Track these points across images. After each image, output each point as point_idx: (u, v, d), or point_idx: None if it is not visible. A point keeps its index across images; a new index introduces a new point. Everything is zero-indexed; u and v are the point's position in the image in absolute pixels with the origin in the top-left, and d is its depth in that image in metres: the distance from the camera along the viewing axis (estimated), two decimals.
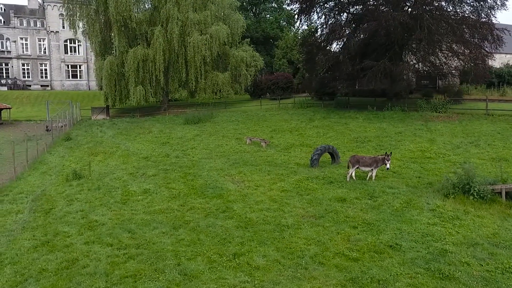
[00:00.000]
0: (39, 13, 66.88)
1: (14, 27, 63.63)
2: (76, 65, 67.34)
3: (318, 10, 32.16)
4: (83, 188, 15.36)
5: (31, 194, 15.14)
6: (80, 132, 30.70)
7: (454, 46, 27.89)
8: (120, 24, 37.37)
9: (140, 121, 35.97)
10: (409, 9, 29.51)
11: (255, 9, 62.18)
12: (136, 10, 37.89)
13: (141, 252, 9.48)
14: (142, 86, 37.47)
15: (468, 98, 30.70)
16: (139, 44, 38.37)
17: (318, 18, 35.78)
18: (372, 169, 14.32)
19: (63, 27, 65.85)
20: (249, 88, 44.66)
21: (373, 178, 14.38)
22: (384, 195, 12.71)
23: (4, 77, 62.46)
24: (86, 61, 67.57)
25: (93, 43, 39.96)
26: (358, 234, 9.97)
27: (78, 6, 38.61)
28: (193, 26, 37.96)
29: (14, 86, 61.36)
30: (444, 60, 28.94)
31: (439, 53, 28.50)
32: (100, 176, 17.08)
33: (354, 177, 14.52)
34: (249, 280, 8.07)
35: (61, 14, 65.76)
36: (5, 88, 60.03)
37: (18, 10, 65.83)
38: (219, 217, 11.60)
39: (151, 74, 37.73)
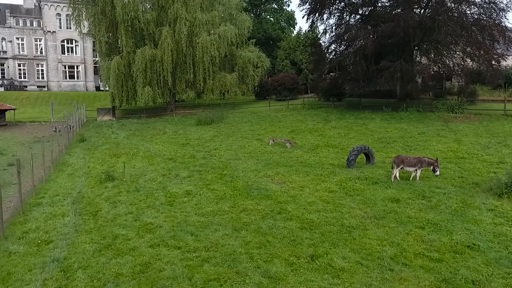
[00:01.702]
0: (35, 13, 65.86)
1: (10, 27, 62.57)
2: (73, 66, 66.48)
3: (330, 10, 32.11)
4: (120, 190, 15.04)
5: (67, 196, 14.76)
6: (91, 133, 30.23)
7: (468, 48, 28.15)
8: (127, 24, 37.01)
9: (149, 122, 35.61)
10: (423, 11, 29.75)
11: (256, 10, 62.11)
12: (143, 10, 37.43)
13: (213, 255, 9.27)
14: (150, 87, 37.11)
15: (484, 99, 30.98)
16: (146, 44, 38.01)
17: (326, 19, 35.47)
18: (416, 169, 14.31)
19: (60, 27, 65.14)
20: (256, 89, 44.53)
21: (417, 178, 14.37)
22: (436, 195, 12.69)
23: (0, 77, 61.28)
24: (83, 61, 66.77)
25: (98, 43, 39.41)
26: (429, 234, 9.90)
27: (84, 6, 37.98)
28: (201, 27, 37.78)
29: (11, 87, 60.26)
30: (458, 61, 29.17)
31: (453, 54, 28.73)
32: (132, 178, 16.75)
33: (398, 178, 14.49)
34: (338, 282, 7.93)
35: (58, 14, 65.06)
36: (1, 89, 58.95)
37: (14, 9, 64.71)
38: (277, 218, 11.44)
39: (159, 74, 37.43)
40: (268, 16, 62.81)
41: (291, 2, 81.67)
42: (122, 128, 32.42)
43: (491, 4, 29.83)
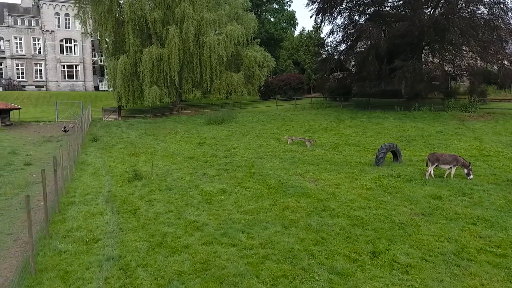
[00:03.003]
0: (33, 12, 65.08)
1: (8, 26, 61.74)
2: (72, 66, 65.77)
3: (339, 10, 32.17)
4: (151, 188, 14.84)
5: (98, 195, 14.53)
6: (102, 132, 29.90)
7: (479, 47, 28.36)
8: (135, 23, 36.67)
9: (157, 121, 35.35)
10: (432, 10, 29.91)
11: (257, 11, 62.05)
12: (149, 9, 37.12)
13: (272, 252, 9.16)
14: (157, 86, 36.83)
15: (493, 98, 31.23)
16: (153, 43, 37.72)
17: (333, 19, 35.48)
18: (451, 167, 14.33)
19: (59, 26, 64.47)
20: (261, 88, 44.45)
21: (452, 175, 14.39)
22: (476, 192, 12.71)
23: None
24: (82, 61, 66.12)
25: (104, 42, 38.98)
26: (483, 230, 9.90)
27: (90, 4, 37.52)
28: (208, 26, 37.58)
29: (9, 86, 59.44)
30: (469, 61, 29.38)
31: (464, 53, 28.93)
32: (159, 177, 16.55)
33: (433, 175, 14.50)
34: (409, 278, 7.87)
35: (57, 13, 64.36)
36: (0, 89, 58.11)
37: (12, 8, 63.85)
38: (323, 215, 11.35)
39: (165, 74, 37.16)
40: (269, 16, 62.79)
41: (292, 2, 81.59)
42: (131, 128, 32.13)
43: (500, 4, 30.13)
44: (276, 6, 62.84)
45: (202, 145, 23.74)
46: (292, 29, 63.19)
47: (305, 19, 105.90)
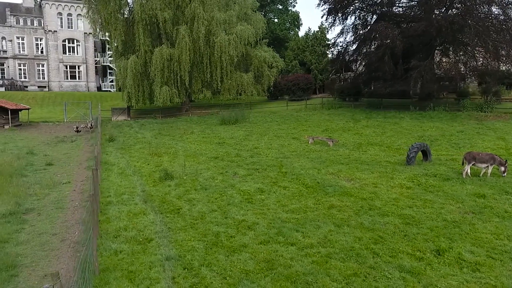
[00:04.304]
0: (35, 12, 64.61)
1: (11, 26, 61.19)
2: (75, 66, 65.27)
3: (353, 9, 32.21)
4: (187, 188, 14.70)
5: (133, 194, 14.38)
6: (115, 133, 29.66)
7: (493, 48, 28.49)
8: (145, 23, 36.48)
9: (168, 122, 35.19)
10: (445, 11, 30.01)
11: (262, 11, 61.94)
12: (160, 9, 36.92)
13: (333, 251, 9.09)
14: (167, 86, 36.65)
15: (505, 98, 31.37)
16: (163, 43, 37.54)
17: (343, 19, 35.54)
18: (488, 166, 14.34)
19: (62, 26, 64.00)
20: (270, 89, 44.39)
21: (489, 174, 14.40)
22: None
23: (0, 77, 59.88)
24: (85, 61, 65.67)
25: (114, 42, 38.69)
26: None
27: (101, 4, 37.23)
28: (219, 26, 37.46)
29: (12, 87, 58.90)
30: (484, 61, 29.53)
31: (478, 54, 29.06)
32: (190, 176, 16.42)
33: (469, 174, 14.50)
34: (482, 276, 7.84)
35: (60, 13, 63.90)
36: (2, 89, 57.56)
37: (14, 8, 63.33)
38: (372, 214, 11.30)
39: (176, 74, 36.99)
40: (273, 17, 62.77)
41: (296, 2, 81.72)
42: (143, 128, 31.95)
43: (510, 5, 30.31)
44: (280, 7, 62.84)
45: (222, 145, 23.62)
46: (296, 29, 63.20)
47: (309, 20, 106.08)
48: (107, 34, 40.87)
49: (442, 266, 8.27)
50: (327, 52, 47.65)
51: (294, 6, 63.42)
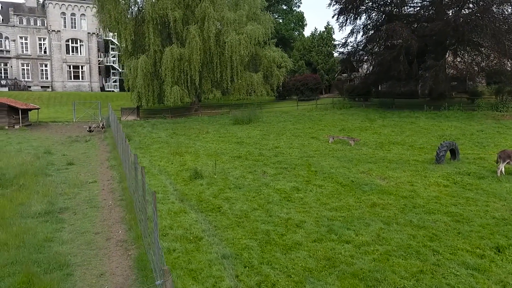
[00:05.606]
0: (38, 11, 64.29)
1: (14, 26, 60.85)
2: (78, 66, 65.01)
3: (366, 8, 32.24)
4: (220, 187, 14.59)
5: (166, 193, 14.24)
6: (129, 132, 29.46)
7: (509, 48, 28.58)
8: (156, 23, 36.33)
9: (179, 121, 35.06)
10: (457, 11, 30.09)
11: (267, 11, 61.95)
12: (170, 8, 36.78)
13: (391, 249, 9.02)
14: (178, 86, 36.52)
15: None
16: (173, 43, 37.41)
17: (354, 19, 35.58)
18: None
19: (65, 26, 63.70)
20: (279, 89, 44.39)
21: None
22: None
23: (3, 77, 59.48)
24: (88, 61, 65.40)
25: (124, 41, 38.46)
26: None
27: (111, 4, 36.99)
28: (229, 26, 37.37)
29: (15, 87, 58.53)
30: (497, 61, 29.62)
31: (491, 53, 29.16)
32: (220, 176, 16.32)
33: (504, 172, 14.50)
34: None
35: (63, 13, 63.62)
36: (5, 89, 57.17)
37: (17, 8, 62.96)
38: (417, 212, 11.26)
39: (186, 74, 36.85)
40: (277, 17, 62.74)
41: (301, 3, 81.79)
42: (156, 128, 31.80)
43: None
44: (285, 7, 62.85)
45: (242, 144, 23.53)
46: (301, 30, 63.23)
47: (313, 20, 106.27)
48: (114, 34, 40.62)
49: (507, 263, 8.22)
50: (334, 52, 47.65)
51: (299, 6, 63.30)
